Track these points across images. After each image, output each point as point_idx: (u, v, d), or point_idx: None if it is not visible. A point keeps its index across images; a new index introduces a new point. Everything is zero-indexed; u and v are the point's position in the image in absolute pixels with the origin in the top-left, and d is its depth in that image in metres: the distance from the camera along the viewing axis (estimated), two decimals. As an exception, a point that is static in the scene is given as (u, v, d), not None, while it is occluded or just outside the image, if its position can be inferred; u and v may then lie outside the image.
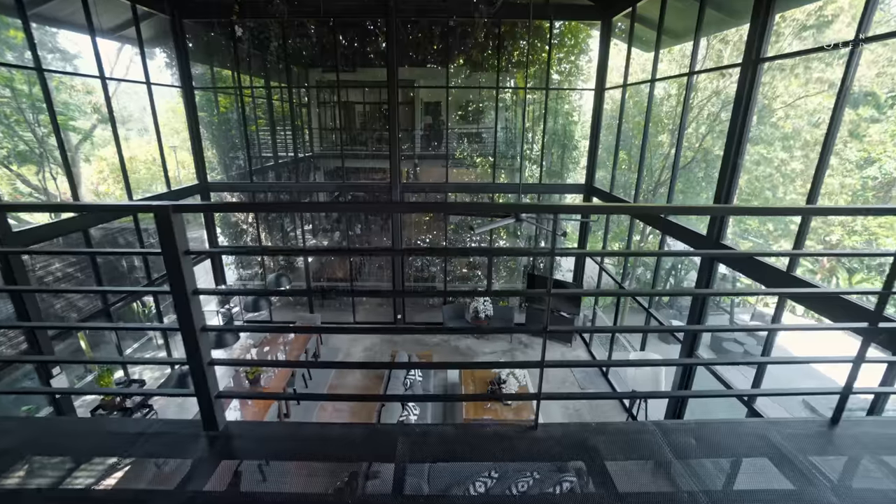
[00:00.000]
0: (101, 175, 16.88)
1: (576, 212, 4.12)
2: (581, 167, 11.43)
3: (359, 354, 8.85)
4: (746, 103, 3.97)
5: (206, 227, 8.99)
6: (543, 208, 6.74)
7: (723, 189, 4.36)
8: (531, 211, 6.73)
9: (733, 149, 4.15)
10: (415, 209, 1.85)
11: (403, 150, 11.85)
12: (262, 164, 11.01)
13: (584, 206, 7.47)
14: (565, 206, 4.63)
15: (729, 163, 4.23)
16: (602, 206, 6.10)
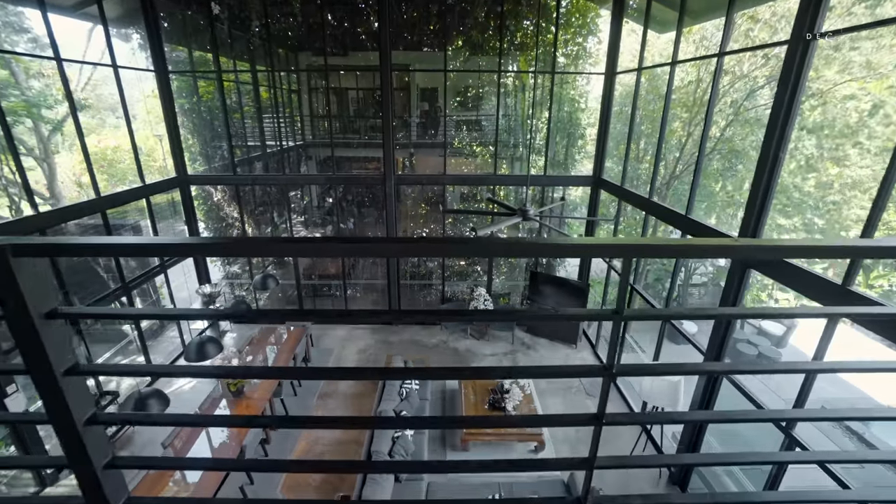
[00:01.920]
0: (84, 166, 16.15)
1: (655, 255, 3.52)
2: (588, 158, 10.85)
3: (352, 357, 8.36)
4: (794, 88, 3.41)
5: (187, 222, 8.41)
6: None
7: (760, 185, 3.82)
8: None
9: (774, 139, 3.61)
10: (413, 252, 1.26)
11: (398, 138, 11.22)
12: (249, 154, 10.38)
13: (674, 244, 6.93)
14: (642, 246, 3.80)
15: (769, 156, 3.69)
16: (698, 244, 5.54)
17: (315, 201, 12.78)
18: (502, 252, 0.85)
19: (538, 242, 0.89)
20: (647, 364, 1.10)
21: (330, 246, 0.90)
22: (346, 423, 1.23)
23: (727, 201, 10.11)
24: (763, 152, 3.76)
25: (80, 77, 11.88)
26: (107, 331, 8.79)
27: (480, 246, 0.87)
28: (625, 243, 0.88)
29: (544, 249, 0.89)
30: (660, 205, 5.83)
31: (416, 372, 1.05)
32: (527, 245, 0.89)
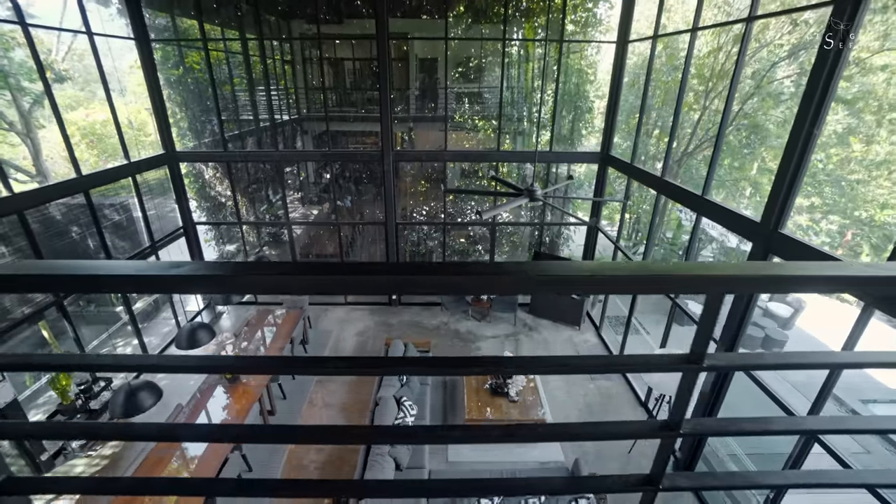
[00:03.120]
0: (73, 141, 15.64)
1: (751, 288, 3.20)
2: (595, 133, 10.42)
3: (351, 339, 8.20)
4: (837, 53, 3.05)
5: (177, 201, 8.08)
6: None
7: (789, 165, 3.50)
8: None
9: (810, 113, 3.27)
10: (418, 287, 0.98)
11: (396, 112, 10.77)
12: (241, 128, 9.95)
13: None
14: (730, 278, 3.37)
15: (801, 132, 3.36)
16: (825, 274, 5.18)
17: (311, 177, 12.40)
18: (554, 285, 0.57)
19: (596, 274, 0.61)
20: (721, 420, 0.85)
21: (339, 279, 0.63)
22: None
23: (745, 179, 9.69)
24: (795, 128, 3.43)
25: (58, 46, 11.28)
26: (101, 313, 8.60)
27: (526, 279, 0.60)
28: (708, 274, 0.61)
29: (607, 282, 0.62)
30: (673, 184, 5.51)
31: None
32: (584, 276, 0.61)
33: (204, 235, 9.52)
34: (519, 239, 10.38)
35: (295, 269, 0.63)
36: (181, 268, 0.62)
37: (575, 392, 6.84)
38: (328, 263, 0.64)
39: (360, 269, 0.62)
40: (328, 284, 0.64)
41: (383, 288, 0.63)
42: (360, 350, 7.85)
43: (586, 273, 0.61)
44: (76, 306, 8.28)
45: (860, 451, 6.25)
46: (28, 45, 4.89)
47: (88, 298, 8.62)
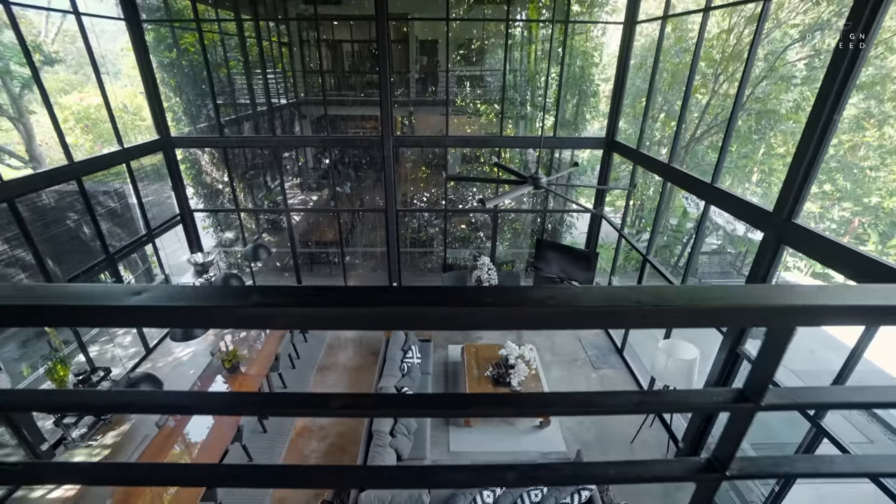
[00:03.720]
0: (67, 126, 15.39)
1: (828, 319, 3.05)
2: (599, 117, 10.19)
3: (349, 331, 8.13)
4: (866, 30, 2.88)
5: (173, 188, 7.94)
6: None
7: (806, 152, 3.36)
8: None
9: (830, 98, 3.11)
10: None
11: (396, 95, 10.53)
12: (238, 113, 9.74)
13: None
14: (802, 308, 3.09)
15: (820, 117, 3.20)
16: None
17: (310, 163, 12.21)
18: (594, 316, 0.45)
19: (644, 305, 0.50)
20: (777, 458, 0.71)
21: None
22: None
23: (752, 165, 9.46)
24: (813, 113, 3.27)
25: (46, 27, 10.98)
26: (98, 301, 8.53)
27: (560, 312, 0.50)
28: (780, 304, 0.51)
29: (657, 314, 0.51)
30: (681, 171, 5.36)
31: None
32: (630, 307, 0.50)
33: (202, 222, 9.40)
34: (521, 226, 10.25)
35: (278, 297, 0.51)
36: (140, 295, 0.51)
37: (577, 382, 6.80)
38: (317, 290, 0.53)
39: (355, 298, 0.51)
40: (316, 319, 0.53)
41: (381, 322, 0.52)
42: (361, 339, 7.80)
43: (632, 303, 0.50)
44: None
45: (863, 440, 6.24)
46: (11, 25, 4.69)
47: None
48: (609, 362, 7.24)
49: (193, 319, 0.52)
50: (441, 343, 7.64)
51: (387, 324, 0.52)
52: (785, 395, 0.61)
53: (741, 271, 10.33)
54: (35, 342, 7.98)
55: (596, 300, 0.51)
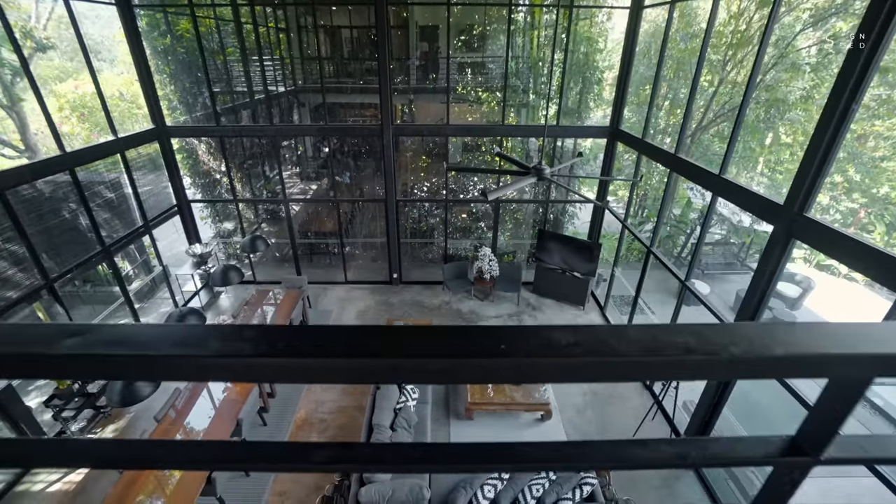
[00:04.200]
0: (63, 114, 15.19)
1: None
2: (602, 105, 10.00)
3: (351, 319, 8.09)
4: (887, 18, 2.74)
5: (170, 178, 7.82)
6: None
7: (820, 143, 3.23)
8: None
9: (850, 84, 2.98)
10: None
11: (396, 83, 10.33)
12: (235, 101, 9.56)
13: None
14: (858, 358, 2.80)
15: (838, 106, 3.07)
16: None
17: (309, 152, 12.05)
18: (630, 370, 0.34)
19: (688, 359, 0.40)
20: (884, 438, 0.57)
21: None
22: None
23: (759, 155, 9.24)
24: (830, 102, 3.14)
25: (37, 11, 10.73)
26: (97, 293, 8.48)
27: (588, 362, 0.40)
28: (854, 353, 0.41)
29: (701, 367, 0.41)
30: (688, 161, 5.23)
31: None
32: (673, 361, 0.40)
33: (200, 213, 9.29)
34: (523, 216, 10.13)
35: (244, 343, 0.42)
36: (74, 339, 0.42)
37: (579, 374, 6.75)
38: (294, 334, 0.44)
39: (334, 346, 0.42)
40: (297, 371, 0.43)
41: (364, 377, 0.43)
42: (361, 330, 7.75)
43: (678, 352, 0.41)
44: (72, 286, 8.16)
45: (864, 433, 6.20)
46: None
47: (84, 278, 8.49)
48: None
49: (138, 370, 0.43)
50: (442, 335, 7.58)
51: (371, 378, 0.42)
52: (851, 446, 0.51)
53: (745, 262, 10.22)
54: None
55: (633, 348, 0.41)
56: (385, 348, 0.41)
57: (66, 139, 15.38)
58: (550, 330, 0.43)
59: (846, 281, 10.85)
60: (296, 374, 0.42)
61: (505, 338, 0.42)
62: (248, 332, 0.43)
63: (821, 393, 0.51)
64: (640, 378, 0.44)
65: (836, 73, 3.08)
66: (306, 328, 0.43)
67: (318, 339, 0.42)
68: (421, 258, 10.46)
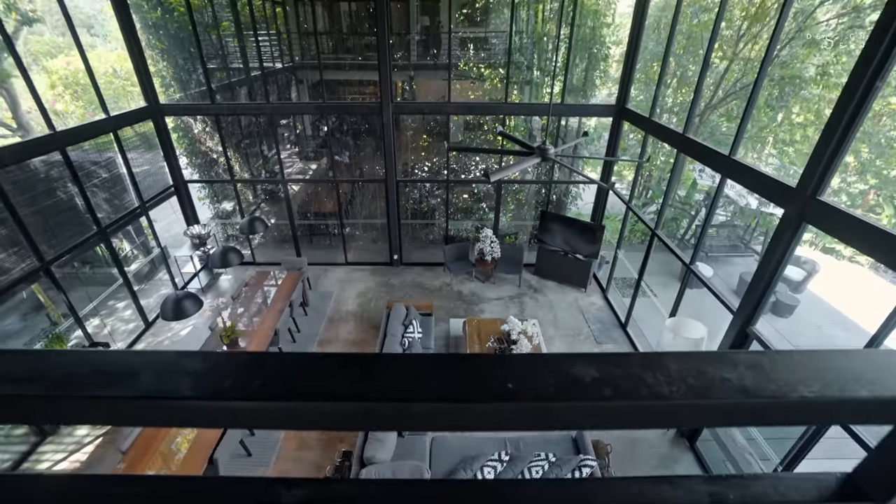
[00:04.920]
0: (56, 92, 14.88)
1: None
2: (608, 83, 9.72)
3: (352, 300, 8.06)
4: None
5: (165, 158, 7.67)
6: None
7: (839, 123, 3.09)
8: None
9: (875, 61, 2.82)
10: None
11: (396, 59, 10.04)
12: (230, 78, 9.31)
13: None
14: None
15: (860, 84, 2.92)
16: None
17: (308, 131, 11.82)
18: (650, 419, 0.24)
19: (725, 403, 0.31)
20: None
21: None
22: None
23: (770, 135, 8.96)
24: (851, 80, 2.98)
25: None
26: (96, 274, 8.44)
27: (626, 409, 0.30)
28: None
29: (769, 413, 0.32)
30: (697, 142, 5.07)
31: None
32: (704, 407, 0.30)
33: (197, 193, 9.16)
34: (525, 197, 9.98)
35: (196, 384, 0.34)
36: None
37: (579, 356, 6.73)
38: (262, 382, 0.35)
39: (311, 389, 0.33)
40: (245, 416, 0.35)
41: (345, 423, 0.35)
42: (362, 312, 7.73)
43: (734, 394, 0.32)
44: (70, 268, 8.11)
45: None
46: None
47: (83, 259, 8.44)
48: (612, 337, 7.17)
49: (122, 414, 0.34)
50: (443, 317, 7.56)
51: (329, 424, 0.34)
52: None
53: (749, 245, 10.09)
54: (34, 315, 7.94)
55: (675, 389, 0.33)
56: (351, 387, 0.32)
57: (60, 118, 15.12)
58: (569, 362, 0.35)
59: (849, 263, 10.74)
60: (240, 420, 0.34)
61: (512, 373, 0.34)
62: (190, 363, 0.34)
63: (890, 432, 0.42)
64: (682, 425, 0.35)
65: (859, 48, 2.91)
66: (261, 357, 0.35)
67: (274, 374, 0.33)
68: (422, 239, 10.36)
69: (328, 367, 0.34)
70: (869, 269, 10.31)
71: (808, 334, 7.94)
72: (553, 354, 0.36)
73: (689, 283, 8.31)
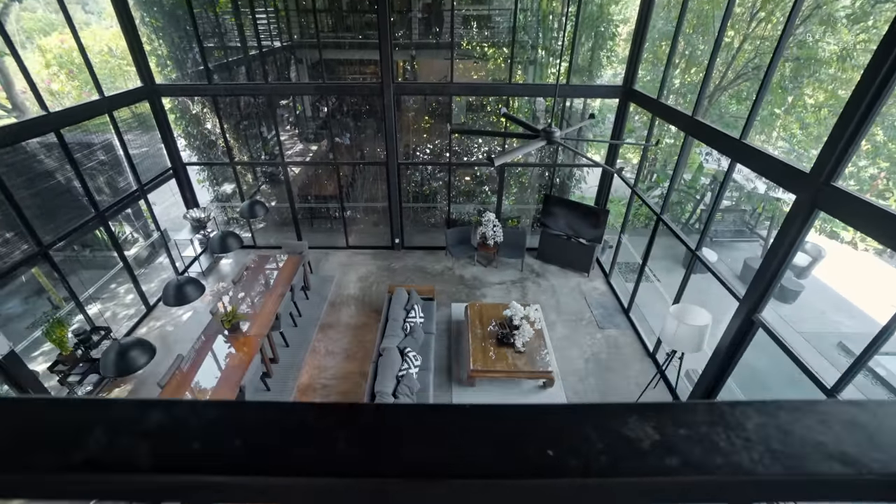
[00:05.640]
0: (51, 71, 14.60)
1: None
2: (614, 63, 9.46)
3: (353, 285, 8.03)
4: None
5: (163, 139, 7.54)
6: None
7: (859, 105, 2.97)
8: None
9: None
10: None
11: (397, 38, 9.76)
12: (228, 57, 9.08)
13: None
14: None
15: (884, 63, 2.79)
16: None
17: (308, 112, 11.60)
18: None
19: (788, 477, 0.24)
20: None
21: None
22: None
23: (778, 118, 8.70)
24: (876, 59, 2.85)
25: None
26: (97, 257, 8.40)
27: (703, 484, 0.22)
28: None
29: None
30: (706, 125, 4.93)
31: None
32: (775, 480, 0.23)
33: (196, 176, 9.05)
34: (528, 180, 9.84)
35: (154, 449, 0.27)
36: None
37: (582, 342, 6.73)
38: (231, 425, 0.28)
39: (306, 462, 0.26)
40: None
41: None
42: (363, 296, 7.70)
43: (824, 476, 0.25)
44: (71, 251, 8.07)
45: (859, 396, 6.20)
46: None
47: (83, 243, 8.39)
48: (615, 322, 7.14)
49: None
50: (444, 301, 7.53)
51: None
52: None
53: (755, 230, 9.97)
54: (36, 299, 7.94)
55: (756, 460, 0.26)
56: (356, 456, 0.26)
57: (57, 98, 14.87)
58: (620, 418, 0.28)
59: (852, 249, 10.63)
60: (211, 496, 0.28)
61: (550, 434, 0.27)
62: (153, 415, 0.28)
63: None
64: (772, 500, 0.29)
65: (882, 24, 2.77)
66: (240, 411, 0.28)
67: (255, 434, 0.27)
68: (423, 223, 10.27)
69: (321, 426, 0.28)
70: (874, 254, 10.21)
71: (812, 321, 7.90)
72: (597, 407, 0.29)
73: (693, 269, 8.25)
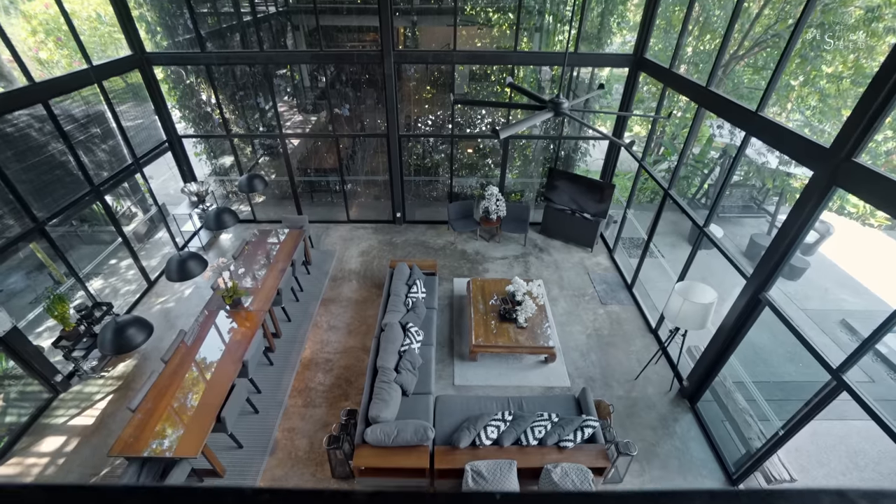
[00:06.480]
0: (37, 39, 14.07)
1: None
2: (625, 30, 9.05)
3: (354, 259, 7.97)
4: None
5: (156, 111, 7.32)
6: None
7: (888, 79, 2.80)
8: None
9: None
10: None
11: (397, 2, 9.33)
12: (221, 23, 8.71)
13: None
14: None
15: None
16: None
17: (307, 82, 11.24)
18: None
19: None
20: None
21: None
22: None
23: (794, 89, 8.34)
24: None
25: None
26: (95, 232, 8.31)
27: None
28: None
29: None
30: (721, 96, 4.73)
31: None
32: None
33: (193, 149, 8.85)
34: (532, 153, 9.62)
35: None
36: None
37: (584, 317, 6.72)
38: None
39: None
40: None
41: None
42: (365, 271, 7.66)
43: None
44: (69, 226, 7.98)
45: (865, 380, 6.25)
46: None
47: (81, 218, 8.29)
48: (618, 298, 7.11)
49: None
50: (446, 276, 7.49)
51: None
52: None
53: (763, 206, 9.80)
54: (38, 274, 7.91)
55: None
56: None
57: (46, 67, 14.40)
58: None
59: (860, 225, 10.49)
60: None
61: None
62: None
63: None
64: None
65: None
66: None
67: None
68: (425, 196, 10.11)
69: None
70: (882, 230, 10.08)
71: (816, 298, 7.86)
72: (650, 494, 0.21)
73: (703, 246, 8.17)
